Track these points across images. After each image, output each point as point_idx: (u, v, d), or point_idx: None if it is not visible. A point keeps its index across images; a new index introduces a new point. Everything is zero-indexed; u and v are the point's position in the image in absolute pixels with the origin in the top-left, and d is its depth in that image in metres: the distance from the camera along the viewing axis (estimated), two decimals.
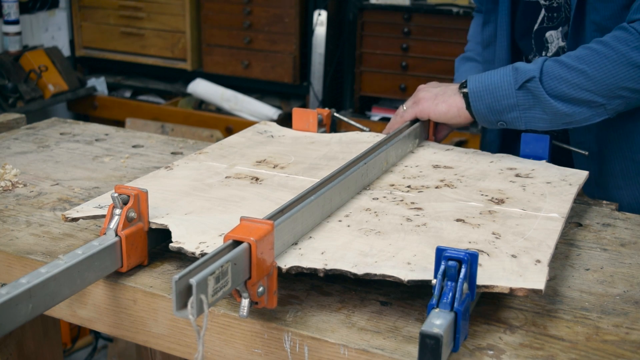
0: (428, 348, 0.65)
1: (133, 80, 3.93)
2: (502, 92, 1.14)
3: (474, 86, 1.17)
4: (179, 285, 0.63)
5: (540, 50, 1.31)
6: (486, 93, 1.15)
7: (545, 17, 1.29)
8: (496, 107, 1.15)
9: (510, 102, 1.14)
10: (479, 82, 1.16)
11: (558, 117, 1.13)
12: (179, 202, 0.96)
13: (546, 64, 1.13)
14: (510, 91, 1.14)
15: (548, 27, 1.29)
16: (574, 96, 1.11)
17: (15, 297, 0.67)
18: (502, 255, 0.81)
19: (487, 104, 1.16)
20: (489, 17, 1.39)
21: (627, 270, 0.90)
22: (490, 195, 1.01)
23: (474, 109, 1.17)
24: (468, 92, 1.17)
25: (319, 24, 3.39)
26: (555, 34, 1.28)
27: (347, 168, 0.99)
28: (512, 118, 1.16)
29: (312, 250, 0.82)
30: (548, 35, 1.29)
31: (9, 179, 1.17)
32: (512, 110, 1.15)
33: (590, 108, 1.12)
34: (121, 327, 0.86)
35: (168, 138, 1.43)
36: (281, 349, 0.76)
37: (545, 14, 1.29)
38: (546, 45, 1.30)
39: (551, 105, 1.12)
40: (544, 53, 1.31)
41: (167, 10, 3.68)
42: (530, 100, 1.13)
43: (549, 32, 1.29)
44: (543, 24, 1.30)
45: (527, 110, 1.14)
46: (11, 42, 3.50)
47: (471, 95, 1.17)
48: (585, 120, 1.14)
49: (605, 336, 0.75)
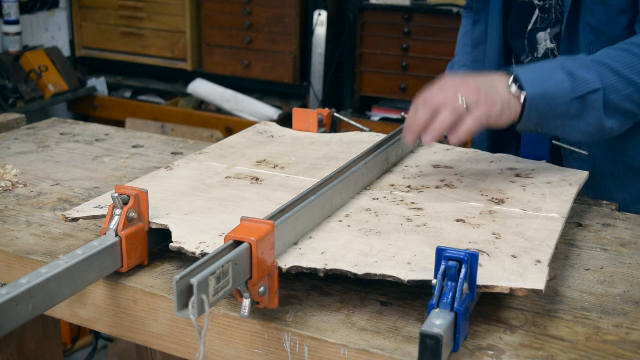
0: (428, 348, 0.65)
1: (133, 80, 3.93)
2: (558, 100, 1.03)
3: (532, 91, 1.02)
4: (180, 285, 0.63)
5: (532, 51, 1.31)
6: (542, 100, 1.02)
7: (538, 18, 1.29)
8: (547, 114, 1.04)
9: (562, 110, 1.03)
10: (537, 86, 1.02)
11: (600, 132, 1.07)
12: (179, 202, 0.96)
13: (600, 70, 1.04)
14: (565, 99, 1.03)
15: (539, 28, 1.29)
16: (621, 107, 1.05)
17: (15, 297, 0.67)
18: (502, 255, 0.81)
19: (540, 111, 1.03)
20: (479, 16, 1.38)
21: (627, 270, 0.90)
22: (490, 195, 1.01)
23: (525, 115, 1.03)
24: (527, 98, 1.02)
25: (319, 24, 3.39)
26: (544, 35, 1.28)
27: (347, 168, 0.99)
28: (555, 126, 1.06)
29: (312, 250, 0.82)
30: (538, 36, 1.29)
31: (9, 179, 1.17)
32: (559, 118, 1.04)
33: (627, 119, 1.08)
34: (121, 327, 0.86)
35: (168, 138, 1.43)
36: (281, 349, 0.76)
37: (539, 14, 1.29)
38: (536, 47, 1.30)
39: (600, 120, 1.05)
40: (535, 54, 1.31)
41: (167, 10, 3.68)
42: (580, 110, 1.04)
43: (539, 33, 1.29)
44: (536, 25, 1.29)
45: (572, 120, 1.05)
46: (11, 42, 3.50)
47: (529, 102, 1.02)
48: (618, 131, 1.09)
49: (605, 336, 0.75)
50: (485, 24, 1.36)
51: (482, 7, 1.37)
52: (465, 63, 1.46)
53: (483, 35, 1.38)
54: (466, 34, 1.49)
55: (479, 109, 0.97)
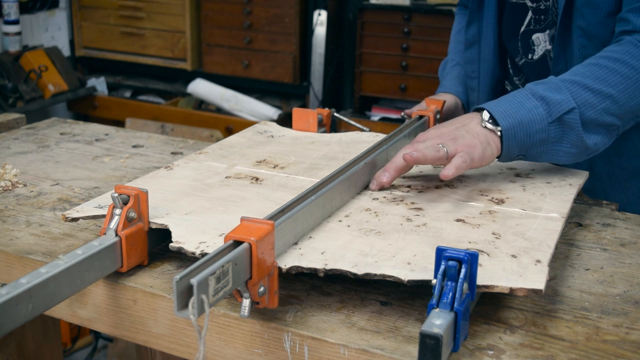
0: (428, 348, 0.65)
1: (133, 80, 3.93)
2: (535, 127, 1.02)
3: (507, 123, 1.02)
4: (180, 286, 0.63)
5: (527, 52, 1.31)
6: (519, 129, 1.02)
7: (532, 19, 1.28)
8: (527, 143, 1.03)
9: (542, 137, 1.03)
10: (510, 118, 1.02)
11: (584, 150, 1.06)
12: (179, 202, 0.96)
13: (571, 89, 1.03)
14: (542, 125, 1.02)
15: (535, 30, 1.28)
16: (599, 122, 1.04)
17: (15, 297, 0.67)
18: (502, 255, 0.81)
19: (519, 141, 1.03)
20: (473, 16, 1.37)
21: (627, 270, 0.90)
22: (490, 195, 1.01)
23: (505, 148, 1.03)
24: (502, 131, 1.02)
25: (319, 24, 3.39)
26: (542, 36, 1.27)
27: (347, 168, 0.99)
28: (538, 152, 1.05)
29: (312, 250, 0.82)
30: (535, 38, 1.28)
31: (9, 179, 1.17)
32: (541, 145, 1.04)
33: (608, 132, 1.06)
34: (121, 327, 0.86)
35: (168, 138, 1.43)
36: (281, 349, 0.76)
37: (532, 16, 1.28)
38: (532, 48, 1.29)
39: (581, 139, 1.03)
40: (530, 56, 1.30)
41: (167, 10, 3.68)
42: (559, 133, 1.03)
43: (535, 34, 1.28)
44: (530, 26, 1.29)
45: (554, 144, 1.04)
46: (11, 42, 3.50)
47: (505, 134, 1.02)
48: (603, 146, 1.07)
49: (605, 336, 0.75)
50: (480, 24, 1.36)
51: (477, 8, 1.36)
52: (459, 62, 1.46)
53: (477, 35, 1.37)
54: (459, 32, 1.49)
55: (461, 153, 0.99)
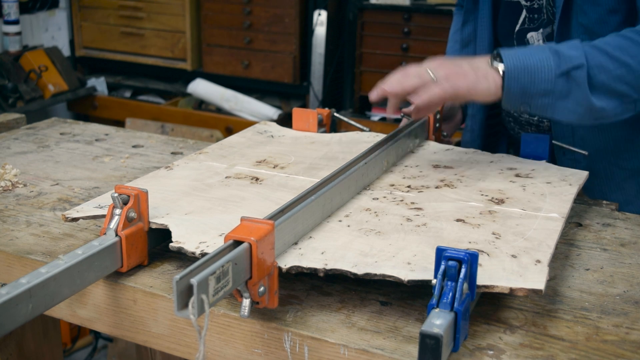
0: (428, 348, 0.65)
1: (133, 80, 3.93)
2: (540, 75, 1.03)
3: (512, 64, 1.04)
4: (180, 285, 0.63)
5: None
6: (524, 73, 1.04)
7: (526, 18, 1.28)
8: (530, 89, 1.04)
9: (546, 87, 1.04)
10: (517, 60, 1.04)
11: (591, 112, 1.06)
12: (179, 202, 0.96)
13: (587, 50, 1.05)
14: (549, 75, 1.03)
15: (529, 29, 1.28)
16: (612, 88, 1.04)
17: (15, 297, 0.67)
18: (502, 255, 0.81)
19: (521, 84, 1.04)
20: (469, 16, 1.38)
21: (627, 270, 0.90)
22: (490, 195, 1.01)
23: (506, 88, 1.05)
24: (505, 70, 1.04)
25: (319, 24, 3.39)
26: (536, 35, 1.27)
27: (347, 168, 0.99)
28: (542, 104, 1.05)
29: (312, 250, 0.82)
30: (529, 37, 1.28)
31: (9, 179, 1.17)
32: (546, 96, 1.04)
33: (623, 103, 1.06)
34: (121, 327, 0.86)
35: (168, 138, 1.43)
36: (281, 349, 0.76)
37: (526, 14, 1.28)
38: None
39: (587, 99, 1.04)
40: None
41: (167, 10, 3.68)
42: (567, 89, 1.04)
43: (529, 33, 1.28)
44: (524, 25, 1.29)
45: (560, 99, 1.05)
46: (11, 42, 3.50)
47: (508, 73, 1.04)
48: (615, 116, 1.08)
49: (605, 336, 0.75)
50: (475, 24, 1.36)
51: (472, 8, 1.36)
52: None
53: (472, 35, 1.38)
54: (456, 32, 1.49)
55: (446, 82, 1.02)
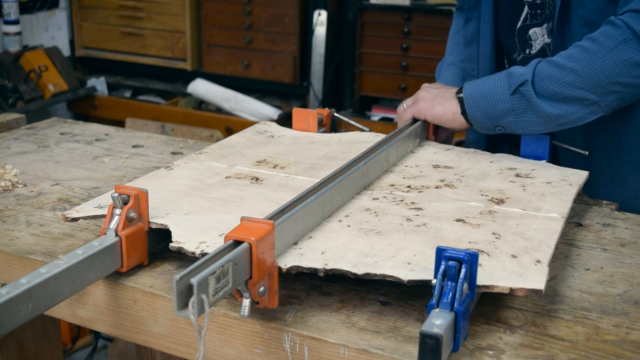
0: (428, 348, 0.65)
1: (133, 80, 3.93)
2: (496, 98, 1.15)
3: (469, 92, 1.18)
4: (180, 285, 0.63)
5: (524, 48, 1.31)
6: (481, 99, 1.17)
7: (528, 14, 1.29)
8: (492, 112, 1.16)
9: (505, 107, 1.15)
10: (474, 89, 1.18)
11: (551, 120, 1.13)
12: (179, 202, 0.96)
13: (539, 65, 1.13)
14: (504, 96, 1.14)
15: (532, 25, 1.29)
16: (565, 95, 1.11)
17: (15, 297, 0.67)
18: (502, 255, 0.81)
19: (482, 110, 1.17)
20: (471, 14, 1.38)
21: (627, 270, 0.90)
22: (491, 195, 1.01)
23: (470, 116, 1.19)
24: (463, 98, 1.19)
25: (319, 24, 3.39)
26: (540, 30, 1.28)
27: (347, 168, 0.99)
28: (509, 123, 1.16)
29: (312, 250, 0.82)
30: (532, 33, 1.29)
31: (9, 179, 1.17)
32: (508, 115, 1.15)
33: (583, 106, 1.12)
34: (121, 327, 0.86)
35: (168, 138, 1.43)
36: (281, 349, 0.76)
37: (528, 11, 1.28)
38: (530, 43, 1.30)
39: (541, 109, 1.12)
40: (527, 51, 1.31)
41: (167, 10, 3.68)
42: (524, 104, 1.13)
43: (532, 29, 1.29)
44: (526, 22, 1.29)
45: (521, 115, 1.14)
46: (11, 42, 3.50)
47: (466, 101, 1.18)
48: (580, 119, 1.13)
49: (605, 336, 0.75)
50: (478, 22, 1.36)
51: (474, 5, 1.37)
52: (453, 62, 1.47)
53: (475, 33, 1.38)
54: (457, 34, 1.50)
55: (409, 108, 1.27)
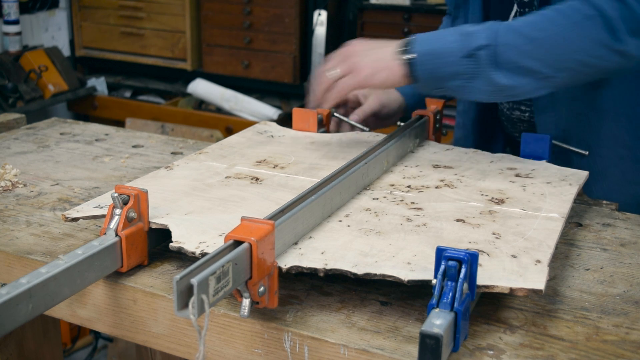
0: (428, 348, 0.65)
1: (133, 80, 3.93)
2: (447, 59, 1.05)
3: (422, 49, 1.06)
4: (180, 285, 0.63)
5: None
6: (431, 58, 1.06)
7: (517, 13, 1.28)
8: (439, 73, 1.06)
9: (454, 69, 1.05)
10: (427, 45, 1.06)
11: (499, 90, 1.06)
12: (179, 202, 0.96)
13: (499, 29, 1.05)
14: (455, 57, 1.05)
15: None
16: (521, 64, 1.04)
17: (15, 297, 0.67)
18: (502, 255, 0.81)
19: (429, 69, 1.06)
20: (458, 12, 1.36)
21: (627, 270, 0.90)
22: (490, 195, 1.01)
23: (414, 75, 1.07)
24: (416, 58, 1.06)
25: (319, 24, 3.39)
26: None
27: (347, 168, 0.99)
28: (454, 87, 1.07)
29: (312, 250, 0.82)
30: None
31: (9, 179, 1.17)
32: (456, 78, 1.06)
33: (535, 80, 1.05)
34: (121, 327, 0.86)
35: (168, 138, 1.43)
36: (281, 349, 0.76)
37: (517, 9, 1.27)
38: None
39: (493, 77, 1.04)
40: None
41: (167, 10, 3.68)
42: (475, 69, 1.05)
43: None
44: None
45: (470, 80, 1.06)
46: (11, 42, 3.50)
47: (418, 59, 1.06)
48: (527, 93, 1.08)
49: (605, 336, 0.75)
50: (465, 20, 1.36)
51: (462, 3, 1.36)
52: None
53: None
54: None
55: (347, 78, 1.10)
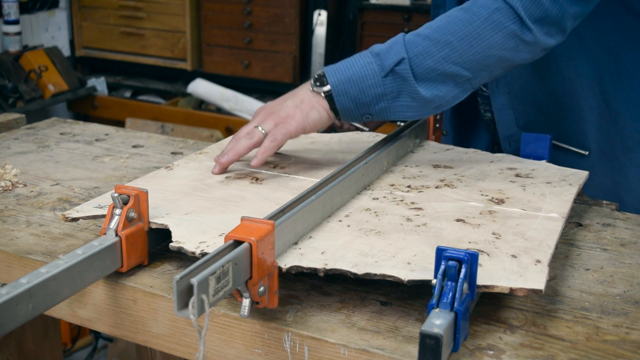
0: (428, 348, 0.65)
1: (133, 80, 3.93)
2: (368, 82, 1.02)
3: (336, 80, 1.03)
4: (180, 285, 0.63)
5: None
6: (350, 85, 1.03)
7: None
8: (363, 99, 1.03)
9: (378, 91, 1.03)
10: (341, 74, 1.03)
11: (426, 103, 1.04)
12: (179, 202, 0.96)
13: (408, 40, 1.03)
14: (376, 80, 1.02)
15: None
16: (440, 71, 1.01)
17: (15, 297, 0.67)
18: (502, 255, 0.81)
19: (351, 97, 1.03)
20: (438, 11, 1.34)
21: (627, 270, 0.90)
22: (490, 195, 1.01)
23: (338, 105, 1.04)
24: (331, 89, 1.04)
25: (319, 24, 3.39)
26: None
27: (347, 168, 0.99)
28: (380, 109, 1.04)
29: (312, 250, 0.82)
30: None
31: (9, 179, 1.17)
32: (380, 100, 1.03)
33: (457, 84, 1.03)
34: (121, 327, 0.86)
35: (168, 138, 1.43)
36: (281, 349, 0.76)
37: None
38: None
39: (416, 90, 1.02)
40: None
41: (167, 10, 3.68)
42: (398, 86, 1.02)
43: None
44: None
45: (395, 100, 1.03)
46: (11, 42, 3.50)
47: (335, 90, 1.03)
48: (453, 99, 1.05)
49: (605, 336, 0.75)
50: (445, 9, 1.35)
51: (441, 3, 1.35)
52: None
53: None
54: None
55: (277, 132, 1.05)
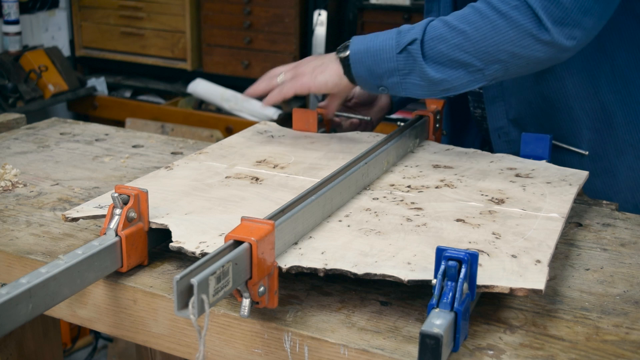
0: (428, 348, 0.65)
1: (133, 80, 3.93)
2: (383, 55, 1.09)
3: (356, 48, 1.11)
4: (180, 285, 0.63)
5: None
6: (367, 56, 1.10)
7: None
8: (376, 70, 1.10)
9: (391, 66, 1.09)
10: (362, 44, 1.11)
11: (433, 84, 1.08)
12: (179, 202, 0.96)
13: (431, 24, 1.08)
14: (391, 54, 1.08)
15: None
16: (451, 57, 1.06)
17: (15, 297, 0.67)
18: (502, 255, 0.81)
19: (367, 66, 1.10)
20: (432, 5, 1.36)
21: (627, 270, 0.90)
22: (490, 195, 1.01)
23: (354, 73, 1.12)
24: (349, 55, 1.11)
25: (319, 24, 3.39)
26: None
27: (347, 168, 0.99)
28: (393, 83, 1.10)
29: (312, 250, 0.82)
30: None
31: (9, 179, 1.17)
32: (392, 75, 1.09)
33: (468, 72, 1.07)
34: (121, 327, 0.87)
35: (168, 138, 1.43)
36: (281, 349, 0.76)
37: None
38: None
39: (425, 71, 1.07)
40: None
41: (167, 10, 3.68)
42: (410, 64, 1.08)
43: None
44: None
45: (406, 76, 1.09)
46: (11, 42, 3.50)
47: (352, 57, 1.11)
48: (462, 86, 1.08)
49: (605, 336, 0.75)
50: (438, 14, 1.35)
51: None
52: None
53: None
54: None
55: (289, 83, 1.20)
